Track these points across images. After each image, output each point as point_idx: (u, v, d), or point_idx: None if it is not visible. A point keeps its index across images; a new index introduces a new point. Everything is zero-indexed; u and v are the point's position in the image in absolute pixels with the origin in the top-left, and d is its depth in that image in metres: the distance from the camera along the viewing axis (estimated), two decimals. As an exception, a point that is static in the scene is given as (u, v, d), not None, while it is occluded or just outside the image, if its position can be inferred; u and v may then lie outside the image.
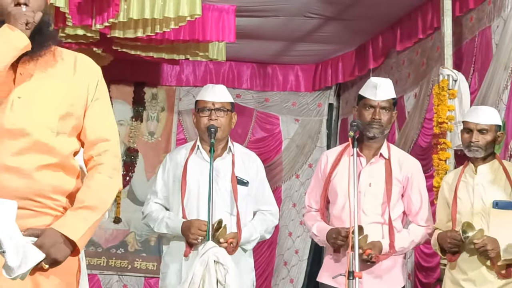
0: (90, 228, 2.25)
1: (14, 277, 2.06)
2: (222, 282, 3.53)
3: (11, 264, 2.04)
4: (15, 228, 2.07)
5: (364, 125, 3.75)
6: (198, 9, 5.29)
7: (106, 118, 2.43)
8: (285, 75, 8.54)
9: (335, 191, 3.84)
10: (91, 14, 5.39)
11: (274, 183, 7.82)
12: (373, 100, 3.77)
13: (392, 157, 3.83)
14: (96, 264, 7.90)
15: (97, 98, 2.41)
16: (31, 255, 2.09)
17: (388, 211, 3.75)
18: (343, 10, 6.35)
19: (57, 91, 2.32)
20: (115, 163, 2.38)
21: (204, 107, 3.96)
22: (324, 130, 8.50)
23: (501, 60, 4.77)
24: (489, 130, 3.85)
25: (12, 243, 2.04)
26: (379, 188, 3.77)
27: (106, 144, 2.38)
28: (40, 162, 2.24)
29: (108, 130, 2.41)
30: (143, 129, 8.22)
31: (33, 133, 2.24)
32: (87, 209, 2.26)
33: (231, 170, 3.93)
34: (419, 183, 3.90)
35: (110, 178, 2.34)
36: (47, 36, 2.33)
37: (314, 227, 3.89)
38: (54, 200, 2.28)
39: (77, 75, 2.38)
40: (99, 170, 2.34)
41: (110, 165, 2.36)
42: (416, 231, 3.86)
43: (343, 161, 3.86)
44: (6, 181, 2.19)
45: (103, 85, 2.47)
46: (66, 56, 2.41)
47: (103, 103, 2.44)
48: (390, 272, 3.81)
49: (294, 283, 8.24)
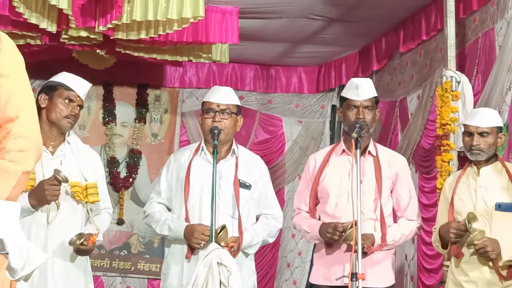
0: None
1: (18, 278, 2.06)
2: (225, 283, 3.53)
3: (15, 266, 2.04)
4: (19, 230, 2.07)
5: (349, 126, 3.84)
6: (201, 11, 5.29)
7: (13, 96, 2.18)
8: (288, 77, 8.54)
9: (326, 191, 3.89)
10: (94, 16, 5.40)
11: (277, 185, 7.83)
12: (355, 100, 3.85)
13: (380, 155, 3.92)
14: (99, 266, 7.90)
15: (2, 75, 2.19)
16: (34, 256, 2.09)
17: (380, 207, 3.82)
18: (346, 11, 6.35)
19: None
20: (20, 144, 2.15)
21: (209, 109, 3.96)
22: (327, 132, 8.50)
23: (504, 61, 4.76)
24: (490, 132, 3.84)
25: (15, 245, 2.04)
26: (370, 184, 3.81)
27: (11, 125, 2.16)
28: None
29: (13, 108, 2.17)
30: (146, 131, 8.23)
31: None
32: None
33: (234, 173, 3.93)
34: (407, 179, 3.99)
35: (13, 162, 2.12)
36: None
37: (305, 225, 3.95)
38: None
39: None
40: (2, 155, 2.12)
41: (15, 147, 2.14)
42: (406, 225, 3.93)
43: (332, 161, 3.95)
44: None
45: (11, 58, 2.24)
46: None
47: (12, 81, 2.20)
48: (382, 269, 3.83)
49: (297, 285, 8.24)
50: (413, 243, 6.31)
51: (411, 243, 6.35)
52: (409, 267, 6.44)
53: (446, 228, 3.85)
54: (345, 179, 3.86)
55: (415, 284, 6.18)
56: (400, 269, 6.59)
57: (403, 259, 6.54)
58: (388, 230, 3.82)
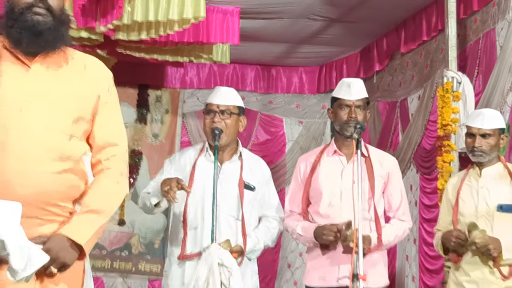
0: (96, 232, 2.25)
1: (19, 279, 2.06)
2: (226, 284, 3.53)
3: (16, 267, 2.04)
4: (20, 231, 2.06)
5: (341, 125, 3.84)
6: (202, 11, 5.30)
7: (116, 123, 2.43)
8: (289, 77, 8.54)
9: (319, 191, 3.88)
10: (95, 16, 5.40)
11: (278, 185, 7.80)
12: (348, 100, 3.84)
13: (371, 155, 3.91)
14: (100, 266, 7.90)
15: (107, 102, 2.40)
16: (36, 257, 2.09)
17: (373, 206, 3.81)
18: (347, 12, 6.35)
19: (69, 95, 2.29)
20: (122, 168, 2.38)
21: (209, 110, 3.96)
22: (328, 132, 8.50)
23: (505, 62, 4.76)
24: (492, 134, 3.84)
25: (17, 246, 2.04)
26: (363, 184, 3.81)
27: (114, 149, 2.37)
28: (51, 168, 2.20)
29: (117, 135, 2.41)
30: (147, 131, 8.23)
31: (45, 138, 2.21)
32: (93, 213, 2.26)
33: (239, 174, 3.92)
34: (399, 180, 3.98)
35: (117, 183, 2.35)
36: (62, 36, 2.30)
37: (298, 227, 3.92)
38: (61, 207, 2.26)
39: (88, 79, 2.36)
40: (106, 174, 2.33)
41: (117, 170, 2.35)
42: (398, 225, 3.92)
43: (323, 162, 3.94)
44: (15, 188, 2.15)
45: (114, 89, 2.45)
46: (77, 58, 2.39)
47: (113, 108, 2.43)
48: (377, 269, 3.83)
49: (297, 285, 8.24)
50: (414, 243, 6.31)
51: (412, 244, 6.35)
52: (410, 268, 6.43)
53: (448, 236, 3.86)
54: (338, 179, 3.85)
55: (417, 285, 6.17)
56: (401, 269, 6.59)
57: (404, 259, 6.54)
58: (383, 230, 3.83)
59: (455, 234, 3.80)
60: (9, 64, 2.26)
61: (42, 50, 2.26)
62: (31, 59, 2.26)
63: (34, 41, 2.24)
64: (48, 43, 2.25)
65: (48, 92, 2.26)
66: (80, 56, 2.42)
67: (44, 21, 2.25)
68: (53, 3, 2.28)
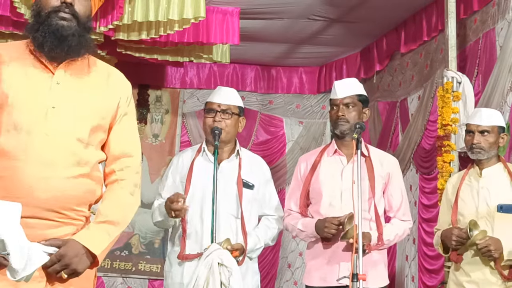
0: (111, 243, 2.28)
1: (19, 279, 2.06)
2: (226, 284, 3.53)
3: (15, 267, 2.04)
4: (20, 230, 2.06)
5: (332, 124, 3.92)
6: (202, 12, 5.30)
7: (132, 134, 2.44)
8: (289, 78, 8.54)
9: (318, 191, 3.89)
10: (95, 16, 5.40)
11: (278, 185, 7.83)
12: (335, 99, 3.90)
13: (371, 155, 3.92)
14: (100, 267, 7.81)
15: (125, 113, 2.41)
16: (36, 257, 2.09)
17: (374, 206, 3.82)
18: (347, 12, 6.36)
19: (90, 103, 2.30)
20: (136, 179, 2.39)
21: (210, 109, 3.97)
22: (328, 132, 8.49)
23: (505, 62, 4.76)
24: (490, 131, 3.84)
25: (17, 245, 2.04)
26: (364, 184, 3.81)
27: (129, 160, 2.38)
28: (70, 173, 2.22)
29: (132, 146, 2.42)
30: (147, 132, 8.23)
31: (65, 144, 2.22)
32: (110, 224, 2.28)
33: (238, 173, 3.93)
34: (399, 180, 3.99)
35: (131, 195, 2.36)
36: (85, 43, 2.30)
37: (299, 223, 3.93)
38: (78, 211, 2.28)
39: (110, 89, 2.37)
40: (121, 185, 2.34)
41: (132, 181, 2.37)
42: (399, 225, 3.93)
43: (324, 162, 3.96)
44: (34, 193, 2.17)
45: (132, 101, 2.47)
46: (100, 68, 2.40)
47: (130, 119, 2.44)
48: (377, 269, 3.83)
49: (298, 285, 8.24)
50: (414, 243, 6.31)
51: (412, 244, 6.35)
52: (410, 268, 6.43)
53: (448, 234, 3.85)
54: (338, 179, 3.86)
55: (416, 285, 6.17)
56: (401, 269, 6.59)
57: (404, 260, 6.54)
58: (383, 230, 3.83)
59: (456, 233, 3.79)
60: (33, 69, 2.26)
61: (64, 55, 2.26)
62: (55, 65, 2.27)
63: (57, 46, 2.23)
64: (71, 48, 2.25)
65: (71, 99, 2.26)
66: (103, 66, 2.42)
67: (69, 26, 2.25)
68: (79, 9, 2.27)
